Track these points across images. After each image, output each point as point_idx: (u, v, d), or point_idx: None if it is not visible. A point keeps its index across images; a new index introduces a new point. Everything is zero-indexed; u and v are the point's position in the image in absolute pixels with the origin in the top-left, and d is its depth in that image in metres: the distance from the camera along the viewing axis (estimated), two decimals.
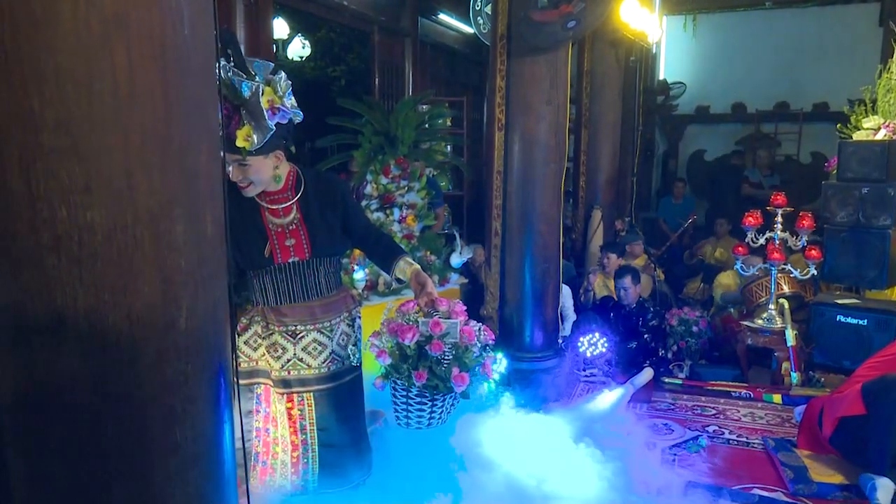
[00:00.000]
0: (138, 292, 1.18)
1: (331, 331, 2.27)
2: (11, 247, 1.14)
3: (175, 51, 1.21)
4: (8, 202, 1.12)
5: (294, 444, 2.22)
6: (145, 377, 1.20)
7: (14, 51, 1.08)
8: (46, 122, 1.10)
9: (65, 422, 1.18)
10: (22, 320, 1.16)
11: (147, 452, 1.22)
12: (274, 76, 2.02)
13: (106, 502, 1.21)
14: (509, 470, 2.66)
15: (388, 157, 4.07)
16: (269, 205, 2.21)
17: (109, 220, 1.14)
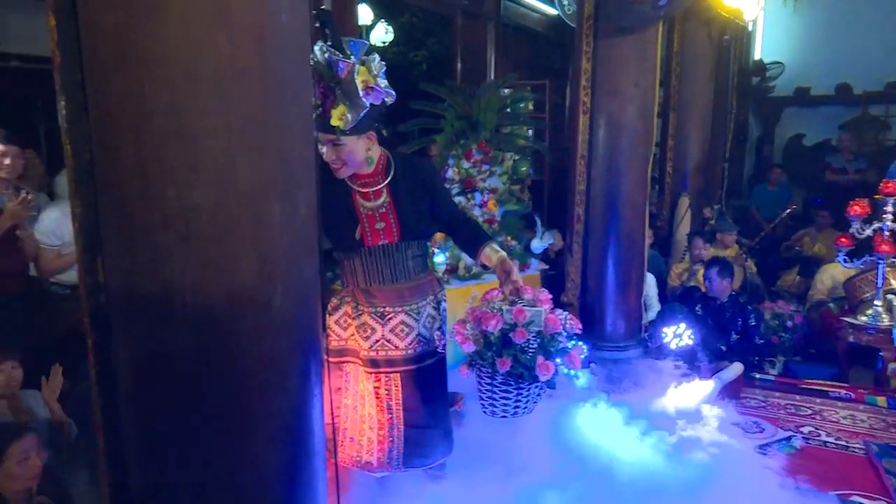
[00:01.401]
0: (238, 270, 1.23)
1: (417, 313, 2.30)
2: (126, 225, 1.21)
3: (273, 37, 1.25)
4: (123, 183, 1.20)
5: (381, 422, 2.27)
6: (244, 350, 1.26)
7: (128, 39, 1.15)
8: (157, 107, 1.16)
9: (172, 390, 1.26)
10: (135, 294, 1.24)
11: (244, 420, 1.28)
12: (367, 57, 2.05)
13: (208, 464, 1.28)
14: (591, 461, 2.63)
15: (469, 141, 4.06)
16: (361, 188, 2.25)
17: (213, 200, 1.20)
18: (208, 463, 1.28)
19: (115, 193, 1.22)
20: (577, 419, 3.03)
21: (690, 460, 2.78)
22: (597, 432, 2.92)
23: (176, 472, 1.30)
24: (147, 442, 1.31)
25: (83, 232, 1.29)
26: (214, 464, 1.29)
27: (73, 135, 1.26)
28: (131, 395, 1.30)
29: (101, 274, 1.30)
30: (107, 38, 1.16)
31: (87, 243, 1.29)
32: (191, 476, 1.30)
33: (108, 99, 1.18)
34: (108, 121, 1.20)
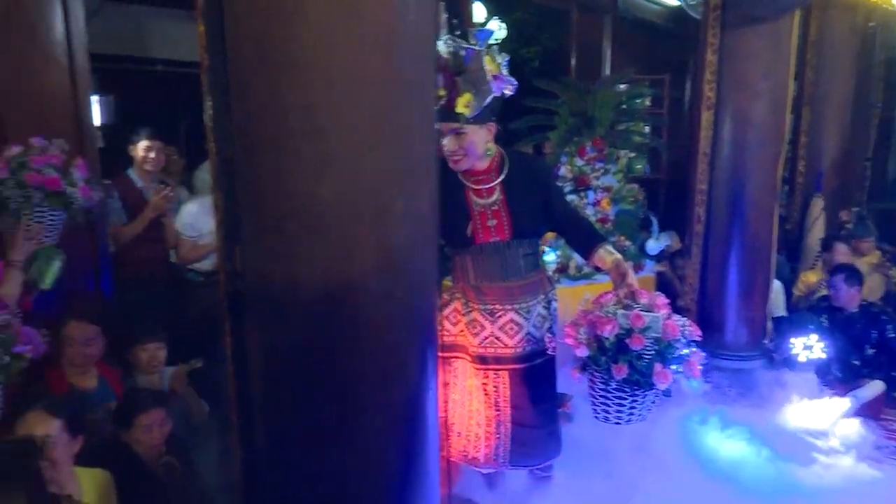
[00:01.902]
0: (360, 261, 1.28)
1: (527, 312, 2.29)
2: (261, 216, 1.30)
3: (401, 37, 1.29)
4: (260, 176, 1.28)
5: (488, 419, 2.29)
6: (363, 340, 1.31)
7: (269, 43, 1.23)
8: (293, 106, 1.23)
9: (296, 375, 1.33)
10: (267, 282, 1.32)
11: (362, 408, 1.33)
12: (490, 48, 2.07)
13: (327, 448, 1.34)
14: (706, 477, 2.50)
15: (583, 138, 3.97)
16: (474, 185, 2.26)
17: (339, 194, 1.25)
18: (327, 447, 1.34)
19: (253, 186, 1.30)
20: (693, 430, 2.89)
21: (820, 486, 2.57)
22: (714, 446, 2.77)
23: (297, 453, 1.37)
24: (273, 422, 1.39)
25: (224, 223, 1.40)
26: (332, 448, 1.35)
27: (217, 133, 1.36)
28: (261, 377, 1.39)
29: (239, 262, 1.39)
30: (250, 43, 1.25)
31: (228, 233, 1.39)
32: (310, 457, 1.36)
33: (250, 99, 1.26)
34: (248, 119, 1.28)
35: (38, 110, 2.71)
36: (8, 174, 2.42)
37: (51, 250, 2.60)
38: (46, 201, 2.47)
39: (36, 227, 2.49)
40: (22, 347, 2.04)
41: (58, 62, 2.78)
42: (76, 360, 2.59)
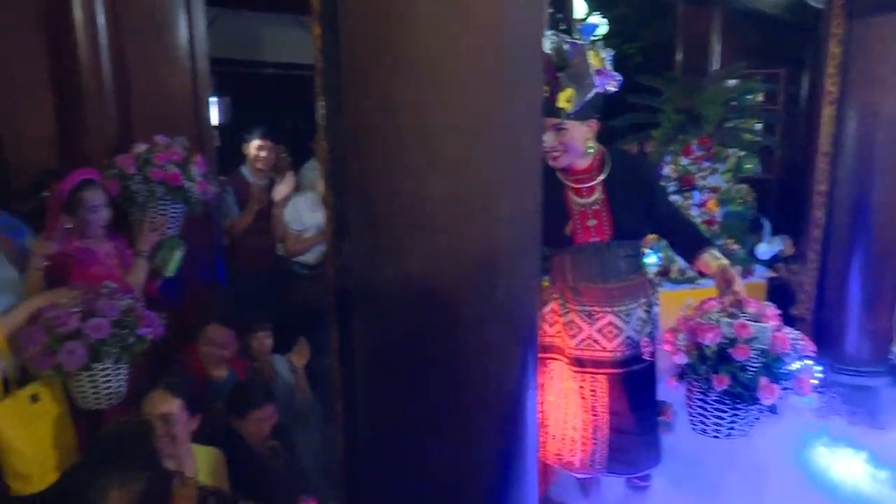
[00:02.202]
0: (465, 259, 1.29)
1: (627, 315, 2.23)
2: (369, 213, 1.33)
3: (510, 36, 1.28)
4: (369, 175, 1.31)
5: (585, 423, 2.24)
6: (465, 337, 1.31)
7: (382, 45, 1.25)
8: (402, 106, 1.25)
9: (399, 369, 1.36)
10: (373, 277, 1.35)
11: (462, 405, 1.34)
12: (594, 43, 2.03)
13: (427, 442, 1.35)
14: None
15: (689, 136, 3.81)
16: (574, 184, 2.23)
17: (446, 192, 1.26)
18: (428, 442, 1.36)
19: (362, 185, 1.34)
20: (803, 448, 2.71)
21: None
22: (825, 466, 2.59)
23: (398, 447, 1.40)
24: (376, 415, 1.43)
25: (334, 219, 1.45)
26: (433, 444, 1.36)
27: (329, 132, 1.41)
28: (365, 371, 1.42)
29: (347, 258, 1.44)
30: (363, 45, 1.28)
31: (337, 229, 1.44)
32: (412, 451, 1.39)
33: (362, 99, 1.30)
34: (359, 119, 1.32)
35: (163, 111, 2.92)
36: (135, 170, 2.62)
37: (173, 241, 2.79)
38: (168, 195, 2.66)
39: (160, 219, 2.69)
40: (144, 330, 2.21)
41: (181, 66, 2.98)
42: (211, 360, 2.80)
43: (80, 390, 2.16)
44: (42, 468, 2.07)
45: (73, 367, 2.06)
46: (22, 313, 2.08)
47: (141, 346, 2.20)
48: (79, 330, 2.05)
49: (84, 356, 2.05)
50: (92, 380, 2.15)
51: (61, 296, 2.14)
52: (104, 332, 2.08)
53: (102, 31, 2.71)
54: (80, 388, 2.16)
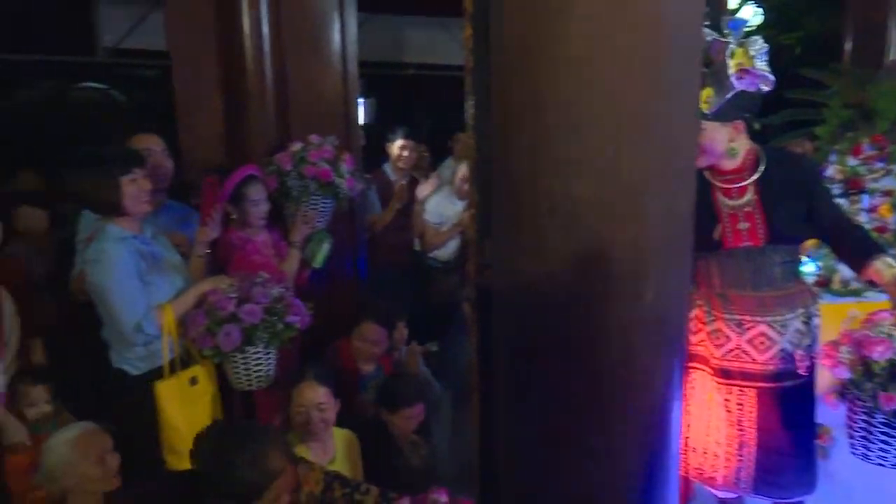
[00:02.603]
0: (613, 262, 1.26)
1: (783, 326, 2.06)
2: (515, 212, 1.34)
3: (668, 28, 1.23)
4: (516, 173, 1.32)
5: (730, 438, 2.11)
6: (610, 342, 1.28)
7: (533, 43, 1.25)
8: (552, 104, 1.24)
9: (539, 369, 1.35)
10: (516, 276, 1.36)
11: (604, 412, 1.31)
12: (747, 38, 1.90)
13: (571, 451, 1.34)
14: None
15: (860, 134, 3.44)
16: (723, 184, 2.10)
17: (594, 192, 1.24)
18: (567, 446, 1.34)
19: (508, 183, 1.35)
20: None
21: None
22: None
23: (536, 449, 1.39)
24: (514, 415, 1.43)
25: (477, 217, 1.47)
26: (572, 449, 1.34)
27: (477, 131, 1.43)
28: (505, 370, 1.43)
29: (488, 255, 1.46)
30: (514, 43, 1.29)
31: (480, 227, 1.47)
32: (549, 455, 1.37)
33: (511, 98, 1.31)
34: (508, 118, 1.33)
35: (316, 112, 3.12)
36: (291, 167, 2.83)
37: (322, 234, 2.98)
38: (320, 191, 2.84)
39: (311, 213, 2.88)
40: (292, 318, 2.37)
41: (333, 69, 3.16)
42: (362, 354, 2.99)
43: (234, 371, 2.36)
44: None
45: (229, 349, 2.25)
46: (189, 297, 2.31)
47: (289, 332, 2.37)
48: (235, 314, 2.25)
49: (238, 339, 2.24)
50: (245, 362, 2.34)
51: (222, 282, 2.35)
52: (256, 318, 2.26)
53: (266, 39, 2.95)
54: (234, 370, 2.36)
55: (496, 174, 1.39)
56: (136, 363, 2.28)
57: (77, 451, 1.89)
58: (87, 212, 2.47)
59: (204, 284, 2.36)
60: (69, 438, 1.92)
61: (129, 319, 2.17)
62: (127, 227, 2.24)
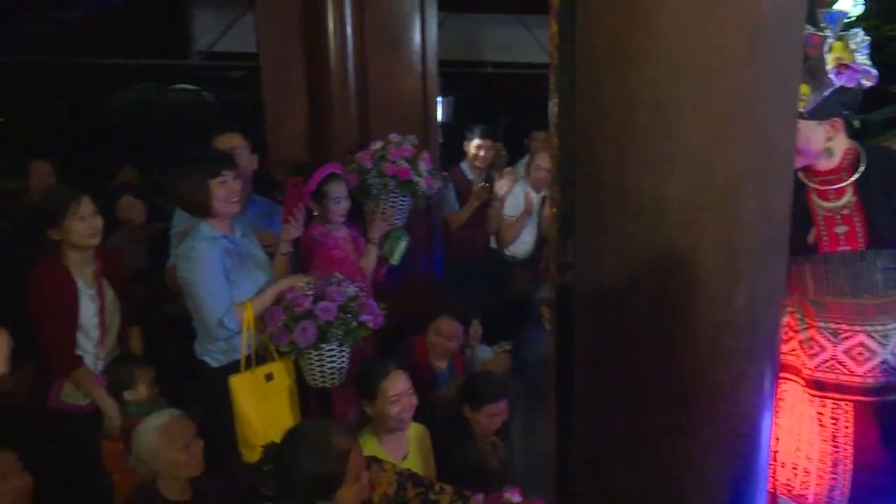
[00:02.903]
0: (702, 264, 1.22)
1: (884, 336, 1.93)
2: (599, 212, 1.31)
3: (764, 23, 1.18)
4: (602, 172, 1.29)
5: (822, 453, 1.99)
6: (698, 348, 1.24)
7: (622, 40, 1.23)
8: (641, 102, 1.21)
9: (621, 371, 1.32)
10: (599, 277, 1.34)
11: (692, 419, 1.27)
12: (846, 32, 1.79)
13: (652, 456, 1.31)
14: None
15: None
16: (818, 185, 1.99)
17: (685, 192, 1.20)
18: (648, 451, 1.31)
19: (593, 182, 1.33)
20: None
21: None
22: None
23: (616, 452, 1.37)
24: (593, 417, 1.41)
25: (559, 215, 1.45)
26: (654, 454, 1.31)
27: (561, 129, 1.42)
28: (584, 369, 1.41)
29: (571, 255, 1.44)
30: (602, 40, 1.26)
31: (562, 226, 1.45)
32: (629, 459, 1.35)
33: (597, 96, 1.29)
34: (594, 116, 1.30)
35: (396, 111, 3.18)
36: (372, 165, 2.88)
37: (399, 231, 3.03)
38: (399, 188, 2.89)
39: (390, 210, 2.93)
40: (366, 317, 2.42)
41: (414, 69, 3.21)
42: (438, 349, 3.02)
43: (308, 368, 2.43)
44: (267, 441, 2.36)
45: (304, 345, 2.32)
46: (269, 295, 2.39)
47: (362, 331, 2.41)
48: (311, 311, 2.31)
49: (313, 335, 2.30)
50: (319, 359, 2.40)
51: (300, 280, 2.42)
52: (331, 315, 2.31)
53: (349, 40, 3.02)
54: (309, 367, 2.42)
55: (580, 173, 1.37)
56: (217, 356, 2.37)
57: (164, 438, 1.98)
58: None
59: (283, 283, 2.43)
60: (157, 425, 2.01)
61: (212, 314, 2.26)
62: (217, 227, 2.34)
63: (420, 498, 1.89)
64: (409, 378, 2.41)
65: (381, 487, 1.87)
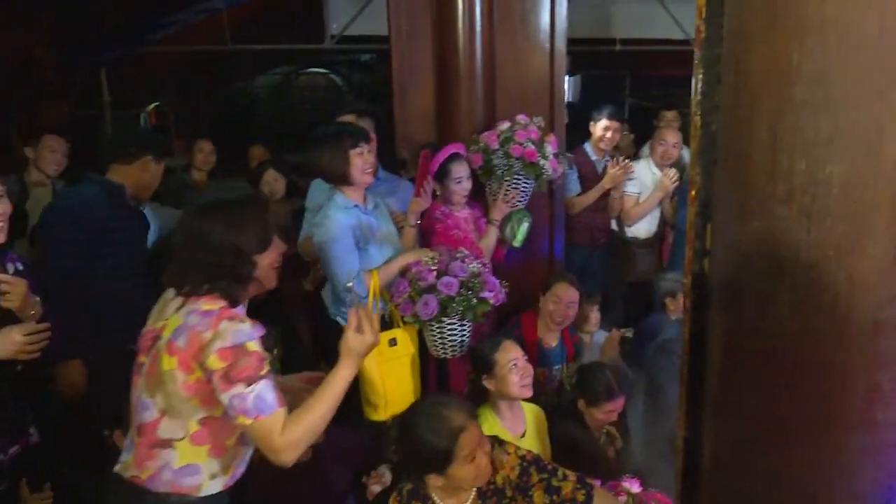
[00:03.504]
0: (863, 254, 1.10)
1: None
2: (746, 196, 1.22)
3: None
4: (749, 153, 1.20)
5: None
6: (855, 345, 1.13)
7: (780, 8, 1.12)
8: (801, 75, 1.11)
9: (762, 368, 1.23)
10: (740, 265, 1.25)
11: (843, 425, 1.16)
12: None
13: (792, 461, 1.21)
14: None
15: None
16: None
17: (848, 175, 1.09)
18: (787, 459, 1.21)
19: (738, 163, 1.23)
20: None
21: None
22: None
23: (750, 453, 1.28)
24: (728, 412, 1.33)
25: (698, 198, 1.37)
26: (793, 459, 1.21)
27: (704, 106, 1.33)
28: (721, 363, 1.33)
29: (709, 241, 1.36)
30: (755, 10, 1.17)
31: (701, 209, 1.36)
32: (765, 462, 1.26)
33: (748, 70, 1.19)
34: (744, 92, 1.21)
35: (523, 90, 3.14)
36: (498, 145, 2.88)
37: (522, 213, 3.01)
38: (524, 170, 2.86)
39: (513, 191, 2.92)
40: (487, 294, 2.44)
41: (542, 48, 3.15)
42: (556, 318, 2.99)
43: (431, 339, 2.51)
44: (388, 402, 2.44)
45: (427, 317, 2.39)
46: (395, 266, 2.50)
47: (483, 307, 2.45)
48: (434, 285, 2.37)
49: (435, 309, 2.37)
50: (440, 331, 2.47)
51: (425, 254, 2.49)
52: (453, 290, 2.36)
53: (478, 19, 3.02)
54: (431, 337, 2.50)
55: (724, 153, 1.28)
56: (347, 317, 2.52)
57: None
58: (316, 182, 2.76)
59: (409, 255, 2.52)
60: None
61: (342, 279, 2.41)
62: (352, 197, 2.49)
63: (543, 484, 1.88)
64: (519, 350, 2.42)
65: (503, 470, 1.88)
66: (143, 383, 1.61)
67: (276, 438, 1.55)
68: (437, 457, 1.74)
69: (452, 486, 1.80)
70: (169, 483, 1.60)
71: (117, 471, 1.67)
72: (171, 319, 1.61)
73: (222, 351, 1.52)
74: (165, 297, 1.70)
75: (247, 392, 1.52)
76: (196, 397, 1.57)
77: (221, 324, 1.54)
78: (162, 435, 1.59)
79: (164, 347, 1.57)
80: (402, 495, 1.85)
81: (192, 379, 1.56)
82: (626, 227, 3.79)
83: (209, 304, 1.59)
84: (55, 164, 3.55)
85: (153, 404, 1.59)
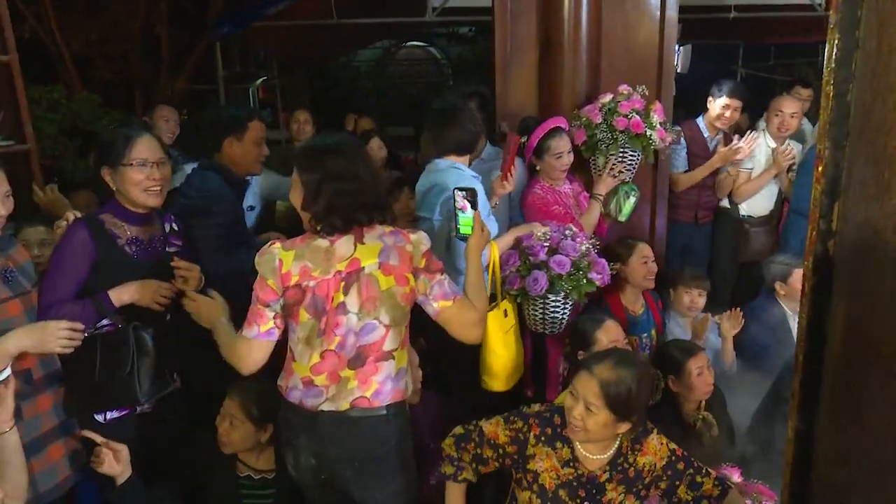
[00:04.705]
0: None
1: None
2: (880, 173, 1.12)
3: None
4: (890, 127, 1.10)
5: None
6: None
7: None
8: None
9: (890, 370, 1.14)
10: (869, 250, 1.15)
11: None
12: None
13: None
14: None
15: None
16: None
17: None
18: None
19: (876, 138, 1.13)
20: None
21: None
22: None
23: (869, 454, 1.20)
24: (848, 408, 1.24)
25: (825, 175, 1.27)
26: None
27: (838, 75, 1.22)
28: (843, 354, 1.25)
29: (836, 222, 1.26)
30: None
31: (828, 188, 1.26)
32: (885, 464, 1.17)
33: (893, 35, 1.08)
34: (885, 57, 1.10)
35: (629, 62, 3.01)
36: (601, 119, 2.79)
37: (629, 186, 2.91)
38: (629, 143, 2.76)
39: (618, 165, 2.83)
40: (595, 275, 2.39)
41: (651, 15, 3.00)
42: (648, 276, 2.87)
43: (531, 313, 2.48)
44: (506, 372, 2.45)
45: (534, 293, 2.37)
46: (509, 238, 2.49)
47: (589, 287, 2.40)
48: (545, 262, 2.34)
49: (544, 286, 2.34)
50: (543, 306, 2.44)
51: (538, 228, 2.47)
52: (564, 269, 2.33)
53: None
54: (532, 312, 2.48)
55: (860, 126, 1.18)
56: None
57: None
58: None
59: (522, 228, 2.51)
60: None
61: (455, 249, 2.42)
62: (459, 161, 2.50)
63: (687, 478, 1.92)
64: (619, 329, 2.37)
65: (653, 456, 1.91)
66: (359, 311, 1.75)
67: (473, 313, 1.86)
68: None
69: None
70: (390, 393, 1.80)
71: (322, 408, 1.77)
72: (362, 251, 1.75)
73: (425, 253, 1.80)
74: (317, 244, 1.76)
75: (443, 278, 1.82)
76: (409, 304, 1.82)
77: (412, 236, 1.81)
78: (387, 347, 1.79)
79: (378, 270, 1.75)
80: (545, 435, 1.88)
81: (408, 289, 1.79)
82: (737, 204, 3.58)
83: (385, 227, 1.81)
84: (168, 132, 3.93)
85: (378, 323, 1.77)
